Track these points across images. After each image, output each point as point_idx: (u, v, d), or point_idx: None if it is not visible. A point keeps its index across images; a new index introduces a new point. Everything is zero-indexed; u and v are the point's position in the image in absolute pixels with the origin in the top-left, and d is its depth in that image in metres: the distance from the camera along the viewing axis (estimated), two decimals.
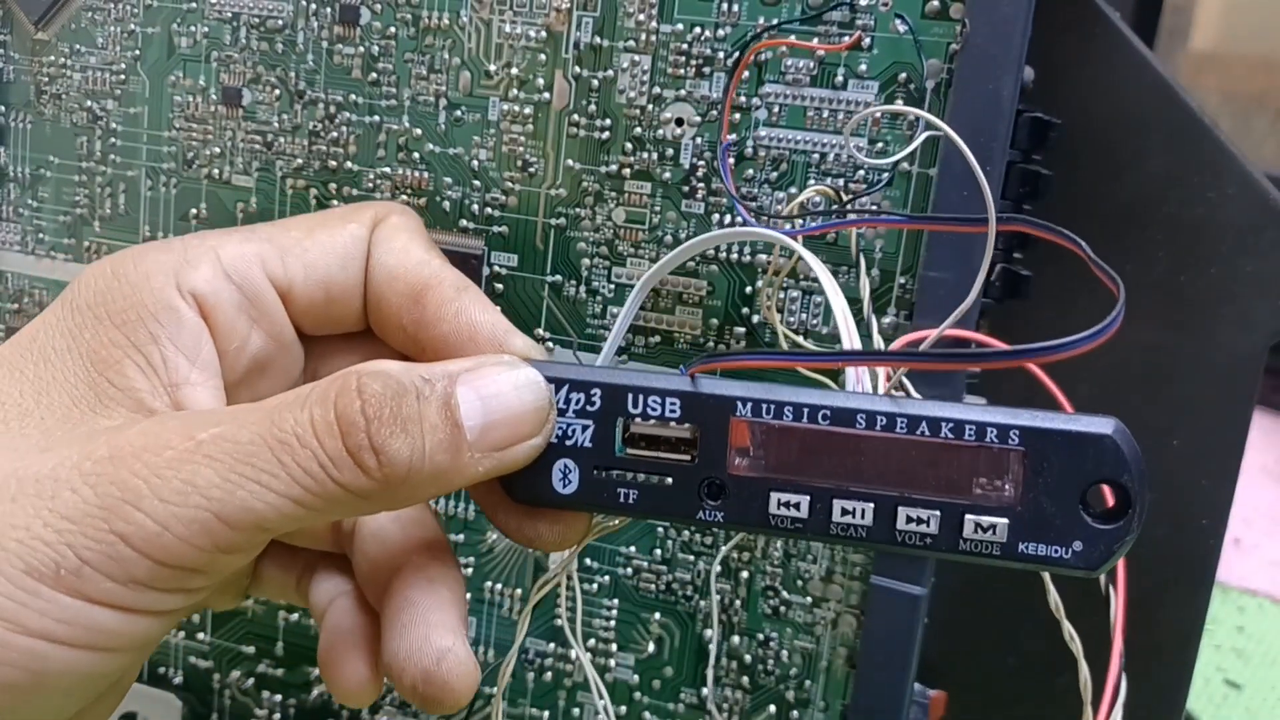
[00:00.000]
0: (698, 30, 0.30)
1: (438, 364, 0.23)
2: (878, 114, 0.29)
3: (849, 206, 0.29)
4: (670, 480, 0.23)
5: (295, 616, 0.36)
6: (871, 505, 0.22)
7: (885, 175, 0.29)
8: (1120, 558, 0.21)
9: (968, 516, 0.21)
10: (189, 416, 0.23)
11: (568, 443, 0.23)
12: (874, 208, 0.29)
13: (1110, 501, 0.21)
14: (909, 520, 0.22)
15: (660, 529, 0.33)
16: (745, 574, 0.32)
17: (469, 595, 0.35)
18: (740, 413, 0.22)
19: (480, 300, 0.26)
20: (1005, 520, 0.21)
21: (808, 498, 0.22)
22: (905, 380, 0.25)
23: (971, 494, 0.21)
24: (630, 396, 0.23)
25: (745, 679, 0.32)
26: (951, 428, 0.21)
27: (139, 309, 0.24)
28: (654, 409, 0.23)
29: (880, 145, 0.29)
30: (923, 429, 0.21)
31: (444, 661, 0.24)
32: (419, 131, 0.33)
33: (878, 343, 0.28)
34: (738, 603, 0.32)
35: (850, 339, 0.24)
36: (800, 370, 0.29)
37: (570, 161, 0.32)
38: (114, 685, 0.24)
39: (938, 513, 0.22)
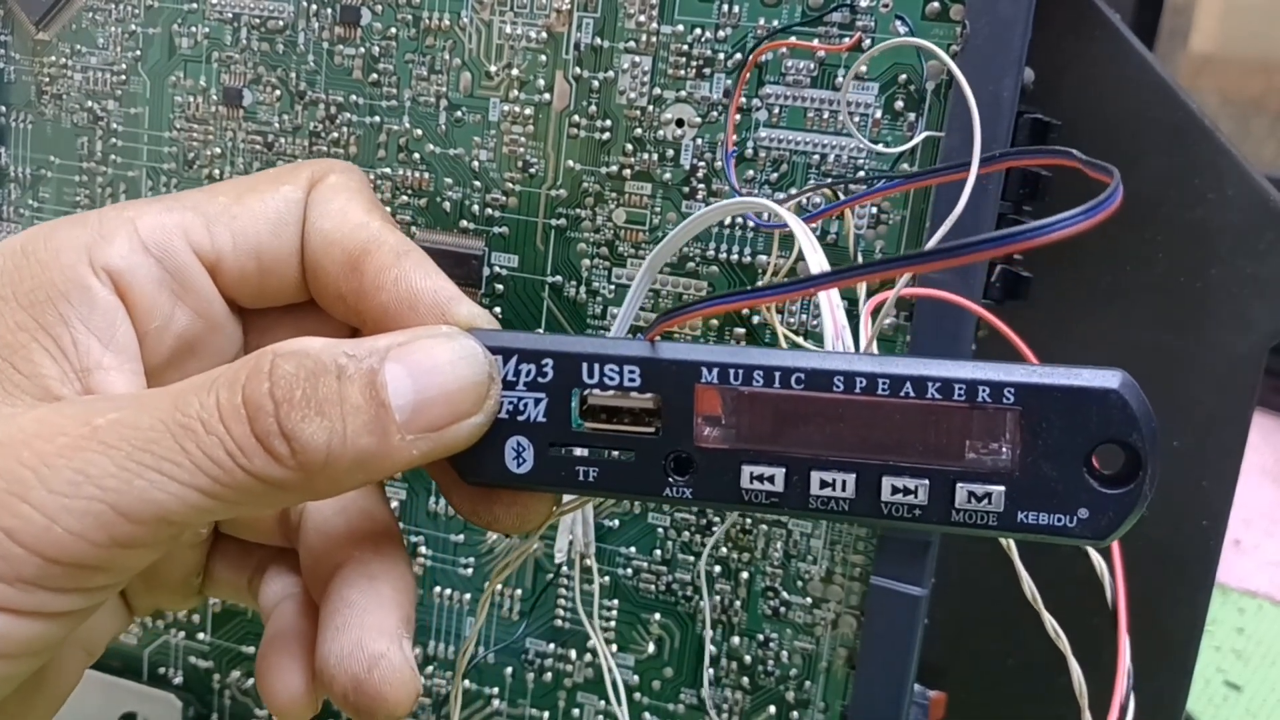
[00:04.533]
0: (698, 31, 0.30)
1: (369, 338, 0.21)
2: (876, 52, 0.29)
3: (832, 186, 0.29)
4: (633, 455, 0.21)
5: None
6: (853, 476, 0.20)
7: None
8: (1130, 524, 0.19)
9: (960, 485, 0.20)
10: (90, 402, 0.21)
11: (520, 418, 0.21)
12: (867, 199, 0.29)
13: (1118, 463, 0.19)
14: (895, 491, 0.20)
15: (660, 529, 0.33)
16: (745, 575, 0.32)
17: (468, 595, 0.35)
18: (706, 379, 0.20)
19: (423, 265, 0.23)
20: (1001, 488, 0.19)
21: (783, 470, 0.20)
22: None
23: (964, 460, 0.20)
24: (585, 365, 0.21)
25: (745, 679, 0.33)
26: (939, 387, 0.19)
27: (48, 288, 0.22)
28: (611, 378, 0.21)
29: (881, 145, 0.29)
30: (907, 389, 0.20)
31: (376, 669, 0.22)
32: (420, 132, 0.33)
33: (865, 325, 0.28)
34: (737, 603, 0.32)
35: (819, 264, 0.22)
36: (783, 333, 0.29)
37: (571, 162, 0.32)
38: (26, 696, 0.22)
39: (926, 481, 0.20)
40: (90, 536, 0.19)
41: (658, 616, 0.33)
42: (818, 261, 0.23)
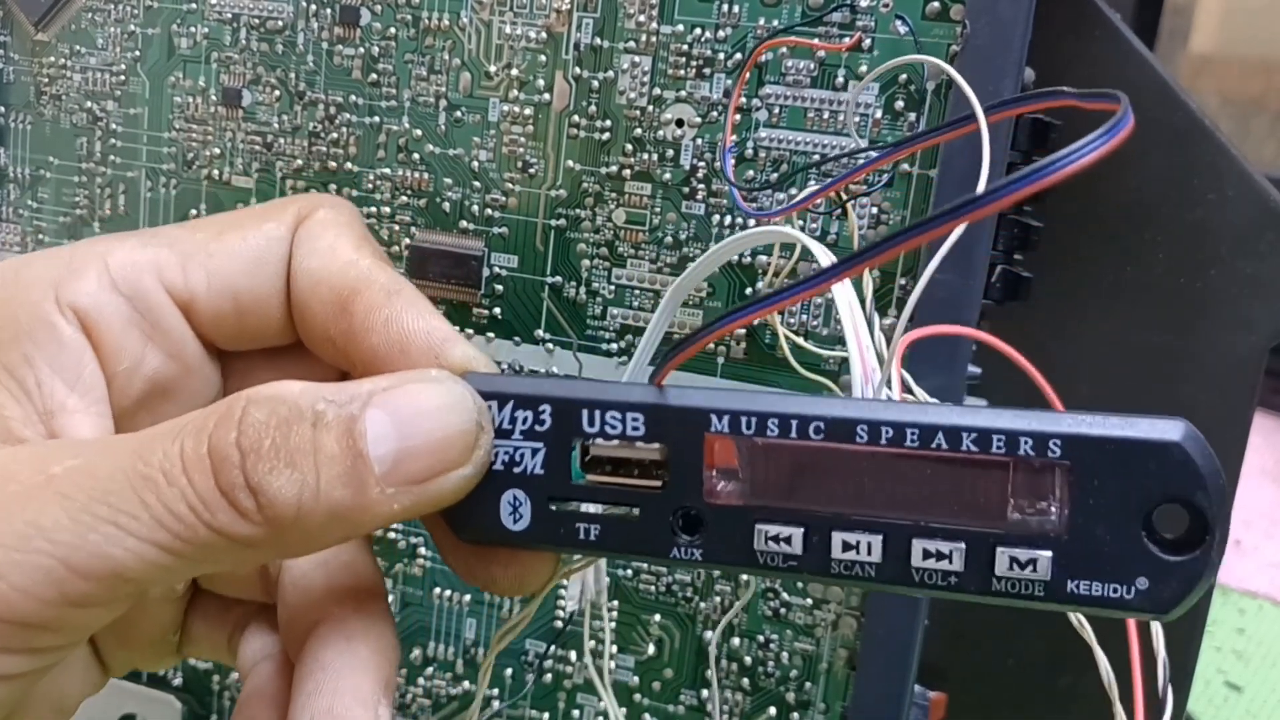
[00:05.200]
0: (698, 31, 0.30)
1: (352, 383, 0.20)
2: (884, 70, 0.28)
3: (821, 169, 0.29)
4: (637, 512, 0.19)
5: None
6: (880, 537, 0.18)
7: (885, 175, 0.29)
8: (1198, 596, 0.17)
9: (1000, 549, 0.17)
10: (50, 447, 0.20)
11: (516, 470, 0.20)
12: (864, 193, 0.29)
13: (1182, 526, 0.17)
14: (926, 555, 0.18)
15: None
16: (745, 575, 0.32)
17: (467, 597, 0.35)
18: (716, 427, 0.19)
19: (415, 304, 0.22)
20: (1049, 553, 0.17)
21: (801, 530, 0.18)
22: (908, 378, 0.23)
23: (1005, 521, 0.17)
24: (586, 413, 0.19)
25: (745, 681, 0.32)
26: (975, 439, 0.17)
27: (12, 326, 0.21)
28: (614, 427, 0.19)
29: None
30: (939, 441, 0.17)
31: None
32: (419, 132, 0.33)
33: (879, 343, 0.28)
34: (738, 604, 0.32)
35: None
36: (799, 371, 0.28)
37: (570, 162, 0.32)
38: None
39: (962, 545, 0.18)
40: (39, 593, 0.18)
41: (658, 618, 0.33)
42: (846, 301, 0.21)
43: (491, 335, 0.33)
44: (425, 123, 0.33)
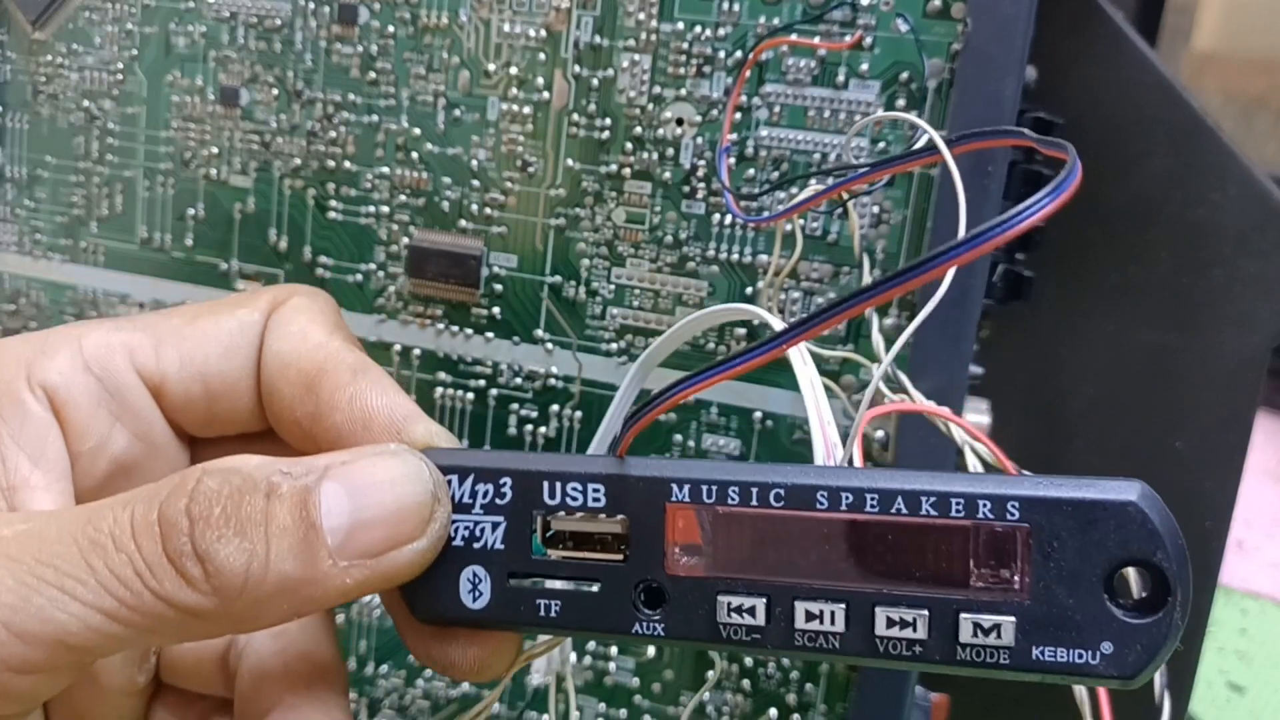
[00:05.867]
0: (698, 29, 0.30)
1: (309, 457, 0.20)
2: (878, 118, 0.29)
3: (813, 178, 0.29)
4: (598, 586, 0.19)
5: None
6: (843, 606, 0.18)
7: (885, 176, 0.29)
8: (1163, 660, 0.17)
9: (964, 616, 0.17)
10: (2, 515, 0.20)
11: (476, 545, 0.19)
12: (844, 193, 0.29)
13: (1144, 587, 0.17)
14: (890, 623, 0.18)
15: None
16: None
17: None
18: (677, 496, 0.18)
19: (379, 383, 0.22)
20: (1011, 619, 0.17)
21: (763, 600, 0.18)
22: (905, 380, 0.23)
23: (968, 586, 0.17)
24: (546, 485, 0.19)
25: (746, 682, 0.32)
26: (934, 503, 0.17)
27: None
28: (575, 499, 0.19)
29: (882, 145, 0.29)
30: (899, 506, 0.17)
31: None
32: (418, 131, 0.33)
33: (877, 343, 0.28)
34: None
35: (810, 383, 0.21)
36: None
37: (570, 161, 0.32)
38: None
39: (925, 612, 0.18)
40: None
41: None
42: (807, 378, 0.21)
43: (490, 335, 0.33)
44: (424, 121, 0.33)
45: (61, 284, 0.37)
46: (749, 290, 0.31)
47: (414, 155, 0.33)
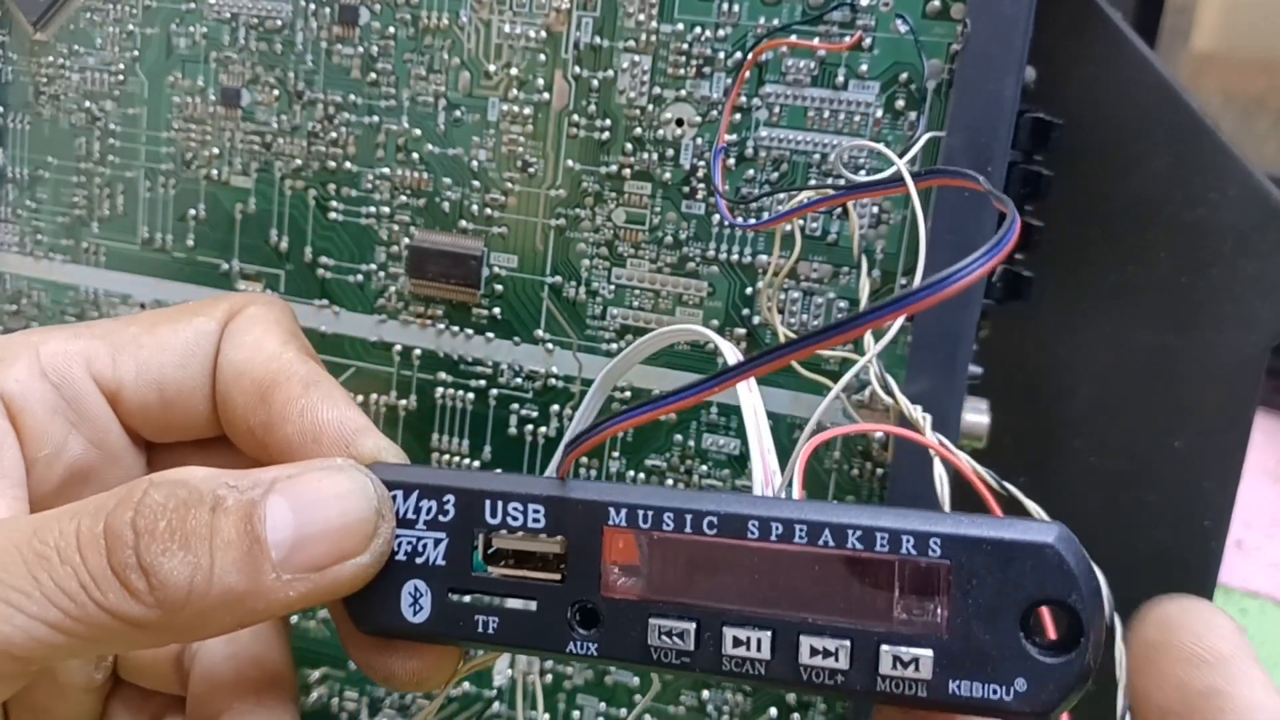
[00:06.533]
0: (698, 30, 0.30)
1: (256, 470, 0.20)
2: (854, 144, 0.29)
3: (792, 187, 0.29)
4: (535, 605, 0.19)
5: (293, 619, 0.36)
6: (769, 634, 0.18)
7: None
8: (1075, 699, 0.18)
9: (884, 648, 0.18)
10: None
11: (418, 560, 0.20)
12: (809, 194, 0.29)
13: (1059, 627, 0.18)
14: (814, 652, 0.18)
15: None
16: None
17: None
18: (614, 520, 0.19)
19: (331, 396, 0.22)
20: (929, 652, 0.18)
21: (693, 625, 0.19)
22: (891, 381, 0.23)
23: (890, 619, 0.18)
24: (489, 504, 0.19)
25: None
26: (860, 536, 0.18)
27: None
28: (515, 518, 0.19)
29: (882, 145, 0.29)
30: (826, 538, 0.18)
31: None
32: (418, 132, 0.33)
33: (868, 344, 0.28)
34: None
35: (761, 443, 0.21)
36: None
37: (570, 162, 0.32)
38: None
39: (847, 643, 0.18)
40: None
41: None
42: (750, 406, 0.21)
43: (491, 335, 0.33)
44: (424, 122, 0.33)
45: (63, 284, 0.37)
46: (749, 290, 0.31)
47: (414, 156, 0.33)
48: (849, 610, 0.18)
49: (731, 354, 0.22)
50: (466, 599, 0.20)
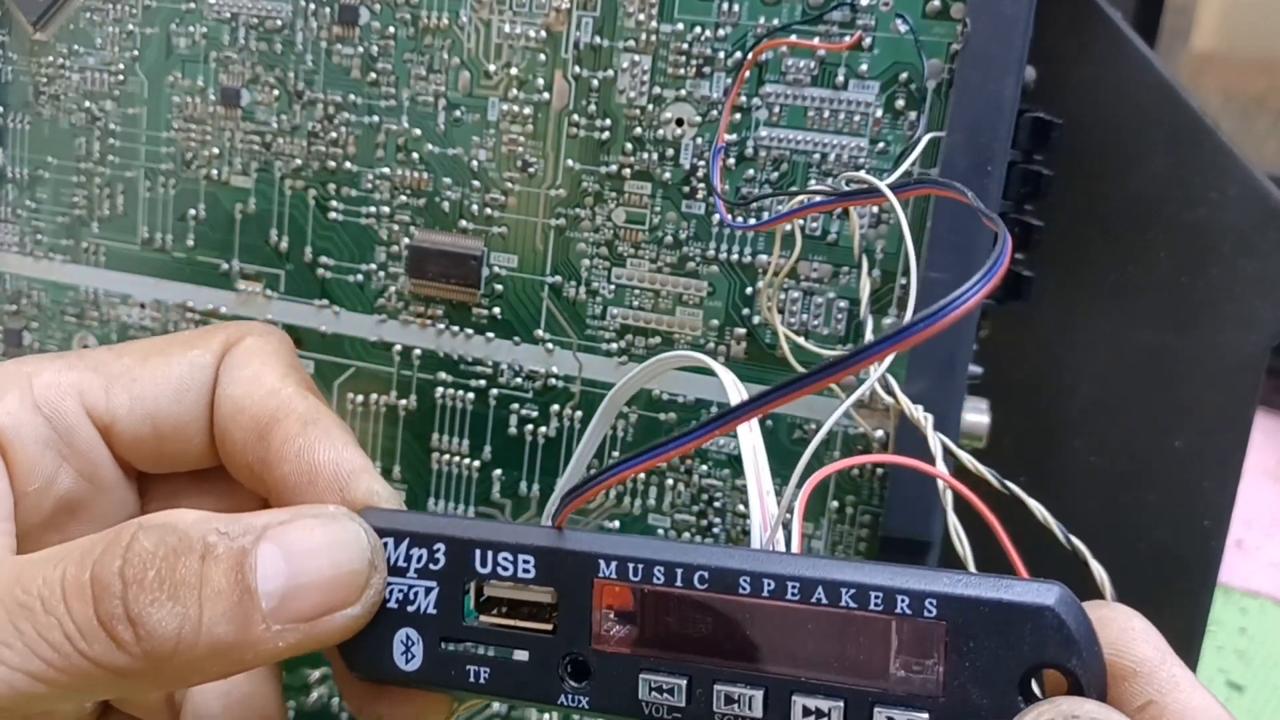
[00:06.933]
0: (698, 30, 0.30)
1: (248, 515, 0.19)
2: (850, 176, 0.29)
3: (783, 191, 0.29)
4: (527, 656, 0.19)
5: None
6: (761, 693, 0.18)
7: (886, 175, 0.29)
8: None
9: (879, 709, 0.18)
10: None
11: (410, 608, 0.20)
12: (800, 196, 0.29)
13: (1058, 690, 0.17)
14: (806, 712, 0.18)
15: (660, 530, 0.32)
16: None
17: None
18: (604, 573, 0.19)
19: (329, 435, 0.22)
20: (924, 715, 0.17)
21: (684, 681, 0.18)
22: (892, 382, 0.23)
23: (885, 679, 0.18)
24: (478, 553, 0.19)
25: None
26: (854, 594, 0.18)
27: None
28: (505, 568, 0.19)
29: (881, 145, 0.29)
30: (819, 596, 0.18)
31: None
32: (418, 132, 0.33)
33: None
34: None
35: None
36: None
37: (570, 162, 0.32)
38: None
39: (841, 703, 0.18)
40: None
41: None
42: (750, 445, 0.21)
43: (491, 335, 0.33)
44: (424, 122, 0.33)
45: (63, 284, 0.37)
46: (749, 290, 0.31)
47: (414, 156, 0.33)
48: (843, 669, 0.18)
49: (733, 386, 0.21)
50: (458, 648, 0.20)
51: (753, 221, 0.30)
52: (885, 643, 0.18)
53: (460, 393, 0.33)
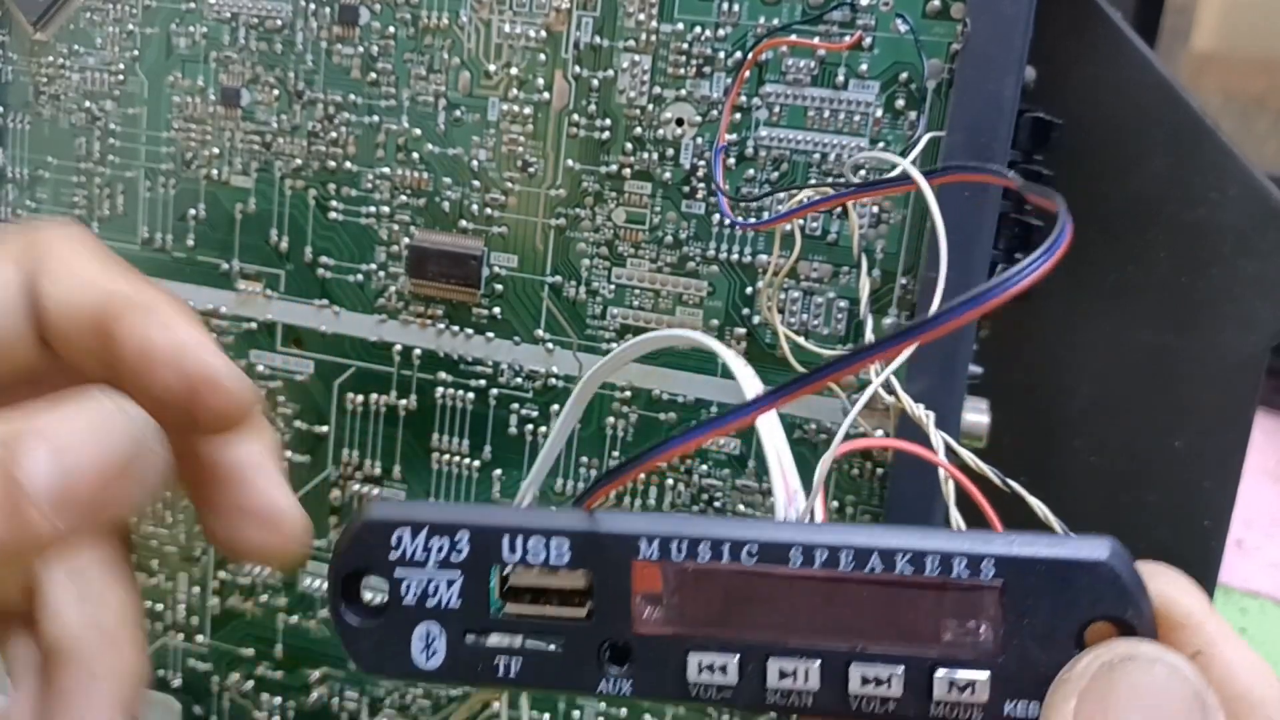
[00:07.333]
0: (698, 30, 0.30)
1: (13, 412, 0.19)
2: (868, 156, 0.29)
3: (792, 189, 0.29)
4: (561, 645, 0.19)
5: (295, 619, 0.36)
6: (817, 663, 0.18)
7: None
8: None
9: (939, 672, 0.17)
10: None
11: (429, 602, 0.19)
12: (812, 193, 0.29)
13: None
14: (865, 681, 0.18)
15: None
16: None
17: None
18: (645, 553, 0.18)
19: (160, 316, 0.21)
20: (986, 674, 0.17)
21: (736, 658, 0.18)
22: (895, 383, 0.23)
23: (941, 643, 0.18)
24: (507, 540, 0.19)
25: None
26: (910, 559, 0.17)
27: None
28: (537, 554, 0.18)
29: (881, 145, 0.29)
30: (874, 563, 0.17)
31: None
32: (418, 132, 0.33)
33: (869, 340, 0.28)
34: None
35: (751, 385, 0.21)
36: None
37: (570, 162, 0.32)
38: None
39: (900, 669, 0.18)
40: None
41: None
42: (749, 381, 0.21)
43: (491, 335, 0.33)
44: (424, 122, 0.33)
45: None
46: (749, 290, 0.31)
47: (414, 155, 0.33)
48: (900, 635, 0.18)
49: (745, 374, 0.21)
50: (485, 640, 0.19)
51: (755, 220, 0.30)
52: (943, 606, 0.18)
53: (460, 393, 0.33)
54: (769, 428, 0.20)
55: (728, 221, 0.30)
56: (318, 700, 0.37)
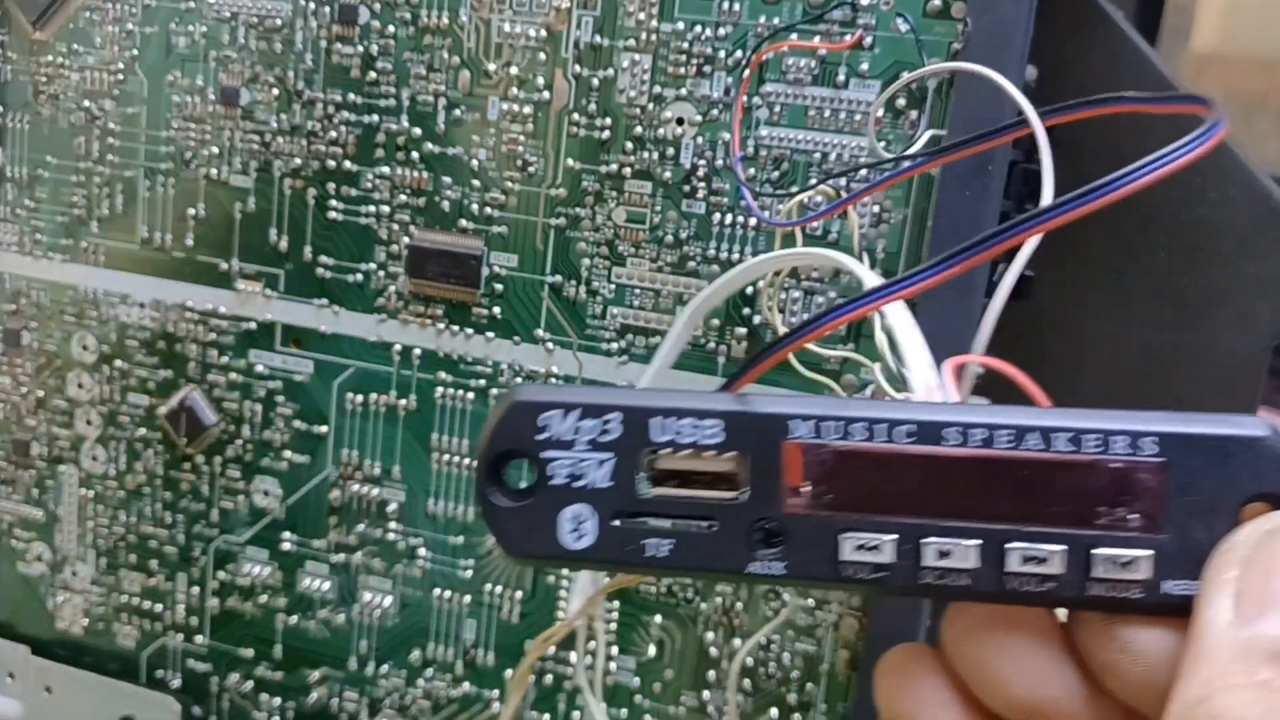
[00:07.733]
0: (698, 29, 0.30)
1: None
2: (883, 101, 0.29)
3: (829, 184, 0.29)
4: (714, 525, 0.18)
5: (294, 619, 0.36)
6: (977, 543, 0.17)
7: (887, 174, 0.29)
8: None
9: (1098, 551, 0.17)
10: None
11: (578, 484, 0.19)
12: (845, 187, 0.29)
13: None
14: (1025, 559, 0.17)
15: None
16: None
17: (467, 598, 0.34)
18: (797, 434, 0.18)
19: None
20: (1149, 552, 0.17)
21: (892, 539, 0.18)
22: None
23: (1100, 522, 0.17)
24: (658, 421, 0.18)
25: (746, 681, 0.32)
26: (1070, 438, 0.17)
27: None
28: (687, 435, 0.18)
29: (882, 144, 0.29)
30: (1033, 441, 0.17)
31: None
32: (418, 131, 0.33)
33: (879, 340, 0.28)
34: (739, 605, 0.32)
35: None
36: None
37: (570, 161, 0.32)
38: None
39: (1062, 548, 0.17)
40: None
41: (658, 619, 0.33)
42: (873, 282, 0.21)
43: (491, 335, 0.33)
44: (424, 121, 0.33)
45: (62, 284, 0.37)
46: (749, 290, 0.31)
47: (414, 155, 0.33)
48: (1060, 515, 0.17)
49: (868, 277, 0.22)
50: (634, 523, 0.19)
51: (794, 220, 0.29)
52: (1104, 485, 0.17)
53: (460, 392, 0.33)
54: (901, 320, 0.20)
55: (765, 224, 0.30)
56: (317, 701, 0.37)
